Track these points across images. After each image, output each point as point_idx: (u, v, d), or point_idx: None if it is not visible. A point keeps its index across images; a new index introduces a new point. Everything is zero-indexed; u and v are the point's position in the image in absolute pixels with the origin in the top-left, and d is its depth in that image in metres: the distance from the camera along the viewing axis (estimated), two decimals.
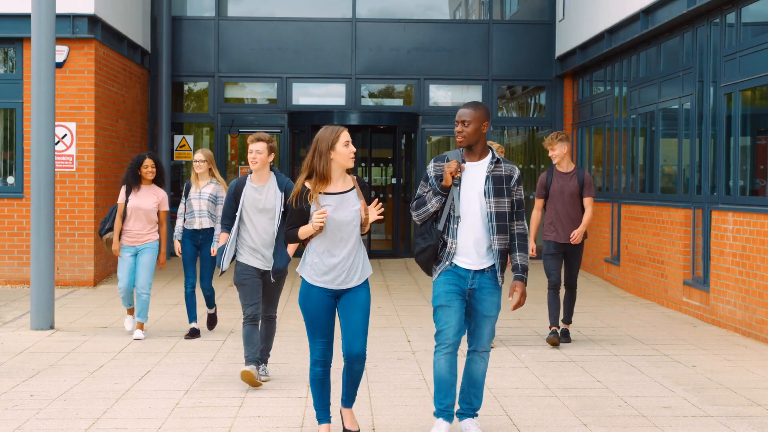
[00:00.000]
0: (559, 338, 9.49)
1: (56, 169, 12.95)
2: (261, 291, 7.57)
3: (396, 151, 18.86)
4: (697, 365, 8.56)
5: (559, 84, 18.42)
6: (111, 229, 9.72)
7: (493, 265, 5.93)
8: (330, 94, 18.97)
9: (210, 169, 9.69)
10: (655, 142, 13.37)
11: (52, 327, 10.30)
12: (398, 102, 19.65)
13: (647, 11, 13.02)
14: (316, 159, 5.76)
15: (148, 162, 9.62)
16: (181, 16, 18.45)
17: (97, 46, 14.20)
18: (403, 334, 10.14)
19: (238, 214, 7.47)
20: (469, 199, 5.89)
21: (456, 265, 5.90)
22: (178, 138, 18.40)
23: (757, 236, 9.85)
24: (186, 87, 19.32)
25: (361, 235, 5.89)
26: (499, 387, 7.62)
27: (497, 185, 5.90)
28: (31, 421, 6.54)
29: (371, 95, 19.50)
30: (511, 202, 5.95)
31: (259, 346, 7.59)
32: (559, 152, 9.61)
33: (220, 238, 7.67)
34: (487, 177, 5.90)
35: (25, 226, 13.73)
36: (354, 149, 5.82)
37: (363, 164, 18.73)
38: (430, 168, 5.99)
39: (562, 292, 9.99)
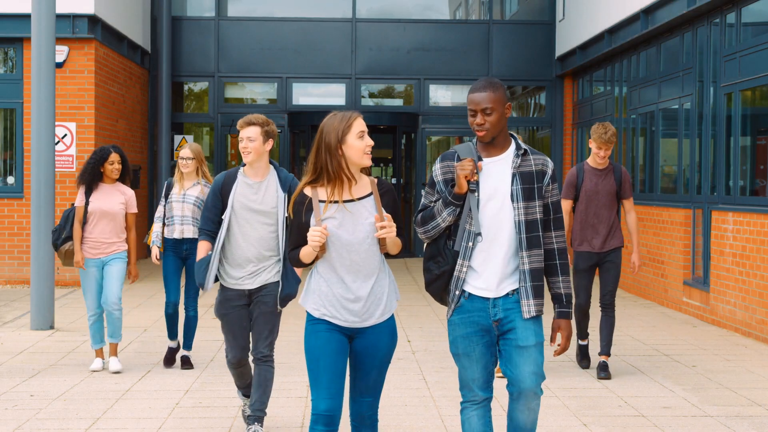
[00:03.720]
0: (601, 374, 7.95)
1: (56, 169, 12.94)
2: (248, 325, 5.90)
3: (396, 151, 18.87)
4: (697, 365, 8.56)
5: (559, 84, 18.42)
6: (69, 238, 7.98)
7: (519, 288, 4.40)
8: (330, 94, 18.97)
9: (198, 168, 8.18)
10: (655, 142, 13.38)
11: (52, 327, 10.30)
12: (398, 102, 19.66)
13: (647, 11, 13.02)
14: (322, 156, 4.33)
15: (114, 157, 7.93)
16: (181, 16, 18.45)
17: (97, 46, 14.21)
18: (403, 334, 10.14)
19: (225, 216, 5.76)
20: (492, 207, 4.36)
21: (470, 295, 4.39)
22: (178, 138, 18.40)
23: (757, 236, 9.85)
24: (186, 87, 19.32)
25: (385, 255, 4.46)
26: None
27: (527, 185, 4.36)
28: (31, 421, 6.53)
29: (371, 95, 19.51)
30: (545, 205, 4.42)
31: (250, 380, 6.12)
32: (606, 153, 7.98)
33: (199, 249, 5.87)
34: (514, 175, 4.36)
35: (25, 226, 13.74)
36: (371, 142, 4.38)
37: None
38: (437, 170, 4.45)
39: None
